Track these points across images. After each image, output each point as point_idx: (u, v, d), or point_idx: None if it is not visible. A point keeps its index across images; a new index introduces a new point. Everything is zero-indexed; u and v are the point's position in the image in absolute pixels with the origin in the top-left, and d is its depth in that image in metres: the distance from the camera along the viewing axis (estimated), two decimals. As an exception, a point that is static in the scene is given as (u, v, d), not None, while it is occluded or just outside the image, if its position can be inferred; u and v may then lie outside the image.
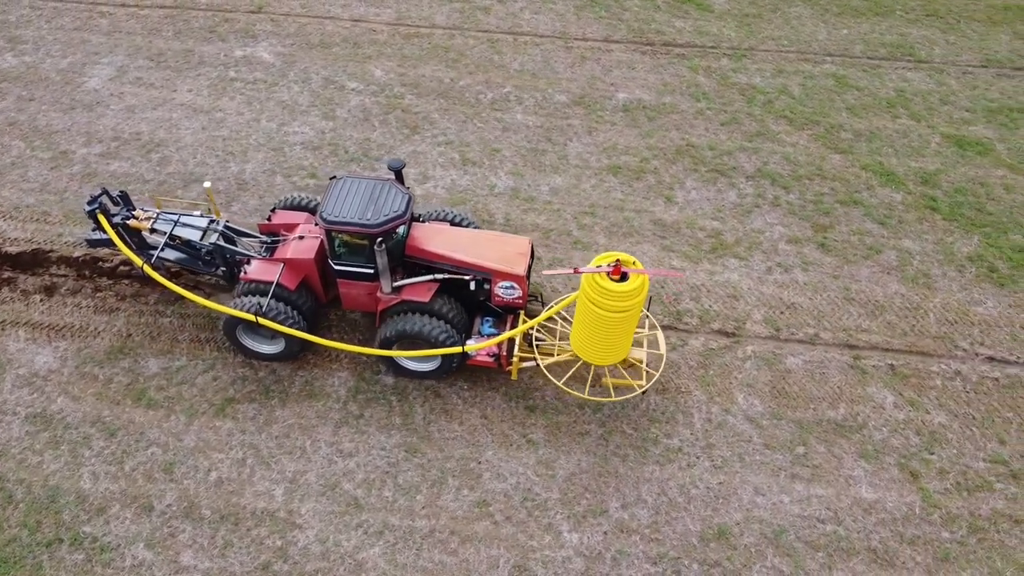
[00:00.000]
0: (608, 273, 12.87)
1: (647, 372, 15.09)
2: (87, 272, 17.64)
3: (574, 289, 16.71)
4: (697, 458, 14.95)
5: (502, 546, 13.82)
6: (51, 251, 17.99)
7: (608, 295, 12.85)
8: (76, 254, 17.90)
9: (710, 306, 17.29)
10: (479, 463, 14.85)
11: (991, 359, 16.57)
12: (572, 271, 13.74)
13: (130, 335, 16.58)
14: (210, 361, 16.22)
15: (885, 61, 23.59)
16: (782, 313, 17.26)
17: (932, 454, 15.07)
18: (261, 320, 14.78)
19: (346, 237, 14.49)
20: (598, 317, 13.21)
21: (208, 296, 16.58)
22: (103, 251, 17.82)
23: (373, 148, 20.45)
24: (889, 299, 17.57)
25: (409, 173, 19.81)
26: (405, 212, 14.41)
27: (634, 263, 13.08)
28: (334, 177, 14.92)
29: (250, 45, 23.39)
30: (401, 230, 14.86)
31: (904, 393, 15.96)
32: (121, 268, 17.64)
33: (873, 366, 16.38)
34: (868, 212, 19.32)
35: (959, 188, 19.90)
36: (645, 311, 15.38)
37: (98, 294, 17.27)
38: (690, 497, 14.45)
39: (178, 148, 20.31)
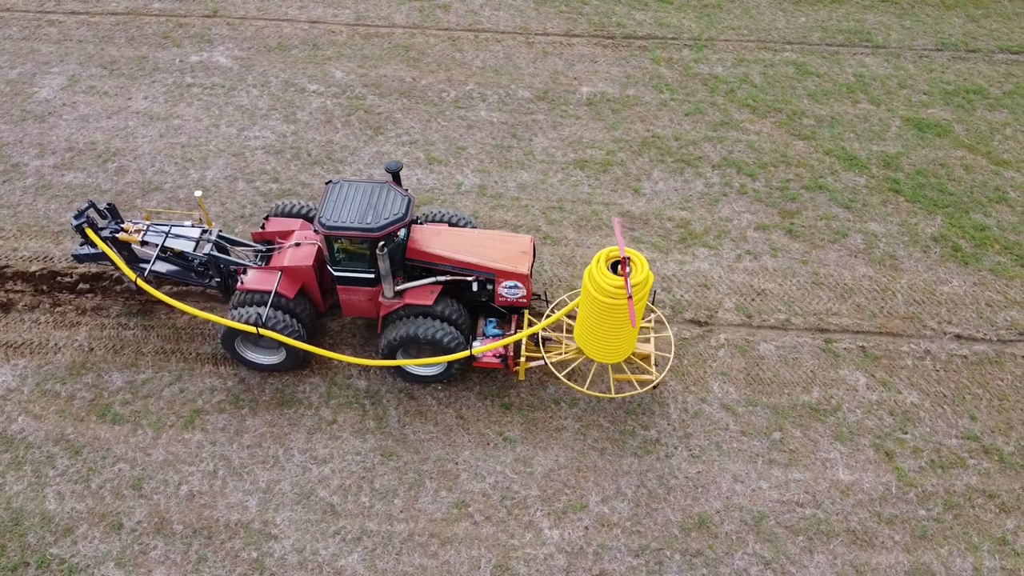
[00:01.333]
0: (616, 261, 12.79)
1: (655, 365, 15.15)
2: (44, 287, 17.14)
3: (575, 291, 16.61)
4: (675, 448, 14.91)
5: (483, 546, 13.65)
6: (6, 267, 17.45)
7: (612, 290, 12.77)
8: (32, 268, 17.39)
9: (682, 296, 17.28)
10: (456, 464, 14.66)
11: (959, 337, 16.77)
12: (615, 219, 13.25)
13: (92, 349, 16.13)
14: (176, 373, 15.83)
15: (843, 47, 23.83)
16: (753, 300, 17.31)
17: (906, 433, 15.20)
18: (262, 331, 14.42)
19: (346, 242, 14.18)
20: (604, 312, 13.06)
21: (200, 308, 16.14)
22: (61, 265, 17.35)
23: (336, 150, 20.16)
24: (857, 282, 17.70)
25: (374, 175, 19.56)
26: (406, 214, 14.11)
27: (639, 263, 12.91)
28: (330, 182, 14.58)
29: (206, 50, 22.94)
30: (402, 233, 14.61)
31: (876, 374, 16.08)
32: (81, 285, 17.16)
33: (844, 349, 16.49)
34: (833, 197, 19.46)
35: (920, 170, 20.14)
36: (649, 304, 15.36)
37: (57, 309, 16.78)
38: (669, 488, 14.41)
39: (135, 157, 19.83)
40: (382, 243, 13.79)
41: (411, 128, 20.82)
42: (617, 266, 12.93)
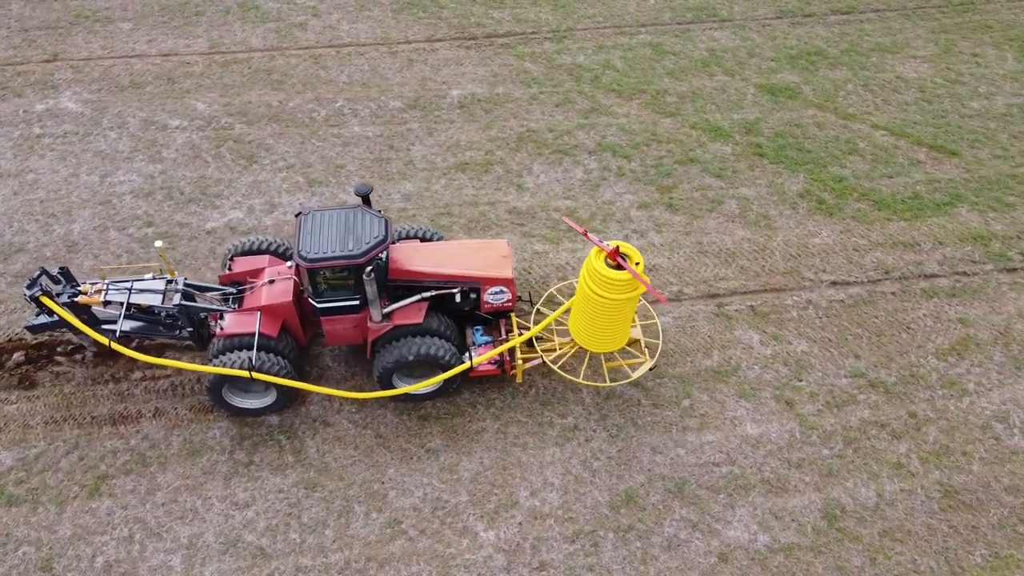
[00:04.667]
0: (608, 255, 13.07)
1: (646, 349, 15.64)
2: (-92, 372, 15.85)
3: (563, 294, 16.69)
4: (593, 432, 15.34)
5: (421, 560, 13.65)
6: None
7: (612, 284, 13.09)
8: None
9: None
10: (382, 483, 14.57)
11: (834, 283, 17.98)
12: (583, 232, 13.51)
13: (-27, 431, 15.06)
14: (72, 440, 14.99)
15: (693, 24, 24.96)
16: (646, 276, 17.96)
17: (801, 381, 16.20)
18: (255, 375, 13.90)
19: (328, 273, 13.84)
20: (601, 305, 13.42)
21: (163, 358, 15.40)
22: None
23: (211, 185, 19.51)
24: (738, 245, 18.68)
25: (254, 205, 19.07)
26: (387, 236, 13.94)
27: (633, 256, 13.27)
28: (299, 213, 14.20)
29: (52, 96, 21.68)
30: (384, 255, 14.41)
31: (767, 330, 17.05)
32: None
33: (735, 310, 17.38)
34: (705, 168, 20.42)
35: (779, 132, 21.40)
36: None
37: (-74, 394, 15.55)
38: (594, 470, 14.82)
39: (-10, 219, 18.58)
40: (369, 268, 13.56)
41: (286, 152, 20.39)
42: (614, 258, 13.18)
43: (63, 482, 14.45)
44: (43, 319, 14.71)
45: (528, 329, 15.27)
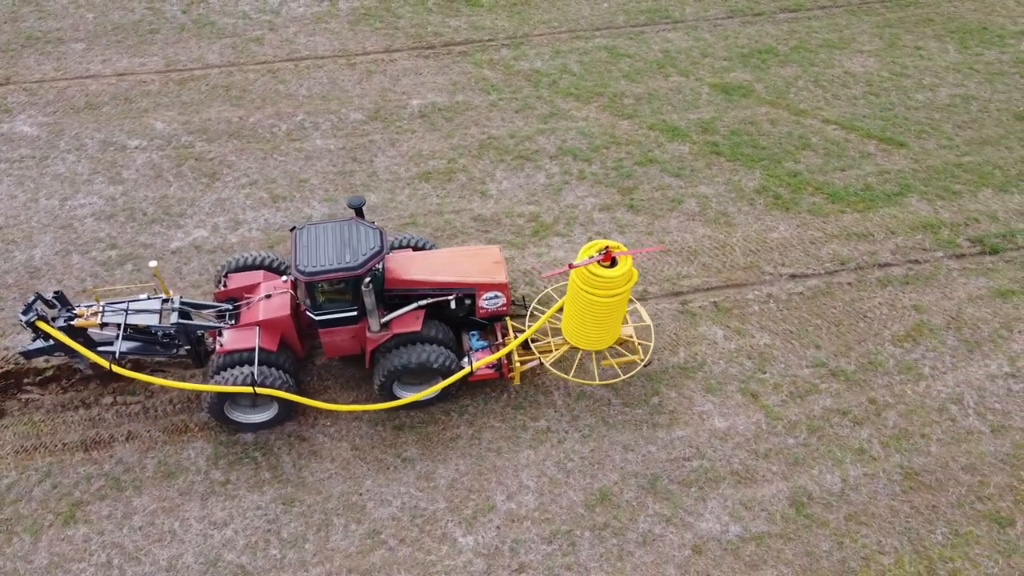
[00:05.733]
0: (599, 261, 13.45)
1: (640, 344, 15.95)
2: None
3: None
4: (566, 433, 15.64)
5: (402, 570, 13.83)
6: None
7: (603, 283, 13.44)
8: None
9: (544, 286, 18.03)
10: (360, 495, 14.72)
11: (793, 276, 18.50)
12: (567, 268, 13.85)
13: (-58, 465, 14.90)
14: (44, 468, 14.90)
15: (646, 27, 25.41)
16: (610, 278, 18.32)
17: (765, 373, 16.66)
18: (259, 390, 14.06)
19: (325, 285, 14.04)
20: (593, 304, 13.77)
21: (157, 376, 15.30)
22: None
23: (173, 204, 19.45)
24: (699, 243, 19.11)
25: (219, 223, 19.05)
26: (382, 246, 14.15)
27: (618, 247, 13.71)
28: (294, 228, 14.38)
29: (5, 121, 21.42)
30: (380, 265, 14.60)
31: (730, 324, 17.49)
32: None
33: (699, 307, 17.81)
34: (664, 168, 20.84)
35: (734, 130, 21.91)
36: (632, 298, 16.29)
37: None
38: (568, 471, 15.12)
39: (-52, 248, 18.33)
40: (368, 279, 13.74)
41: (248, 169, 20.39)
42: (606, 255, 13.64)
43: (37, 511, 14.37)
44: (39, 344, 14.62)
45: (522, 332, 15.63)
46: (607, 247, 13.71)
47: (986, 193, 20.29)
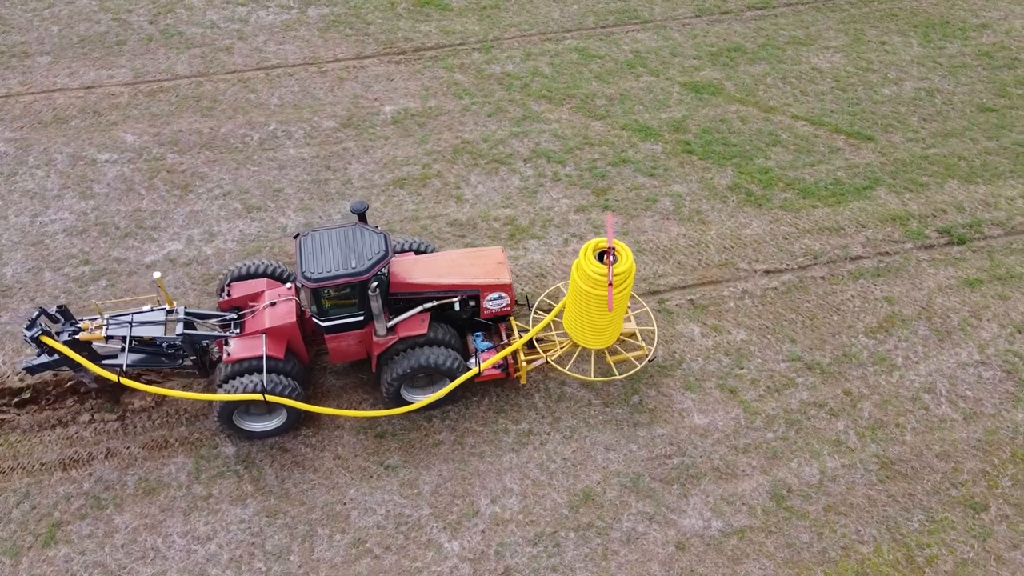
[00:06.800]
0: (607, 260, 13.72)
1: (644, 343, 16.16)
2: None
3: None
4: (548, 435, 15.74)
5: (389, 577, 13.87)
6: None
7: (602, 280, 13.61)
8: None
9: (522, 289, 18.12)
10: (344, 504, 14.72)
11: (767, 272, 18.74)
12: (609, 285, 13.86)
13: (-83, 489, 14.69)
14: (22, 490, 14.74)
15: (616, 27, 25.57)
16: (587, 279, 18.44)
17: (742, 369, 16.87)
18: (269, 397, 14.07)
19: (331, 291, 14.04)
20: (592, 300, 13.97)
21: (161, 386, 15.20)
22: None
23: (146, 217, 19.30)
24: (674, 241, 19.30)
25: (193, 235, 18.93)
26: (388, 250, 14.18)
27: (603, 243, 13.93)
28: (298, 235, 14.41)
29: (-28, 137, 21.12)
30: (386, 269, 14.60)
31: (707, 322, 17.69)
32: None
33: (676, 305, 17.99)
34: (637, 168, 21.02)
35: (705, 129, 22.14)
36: (634, 295, 16.50)
37: None
38: (551, 473, 15.22)
39: (-84, 269, 18.05)
40: (374, 284, 13.74)
41: (221, 180, 20.27)
42: (603, 256, 13.81)
43: (16, 533, 14.22)
44: (43, 359, 14.53)
45: (526, 331, 15.72)
46: (613, 247, 13.84)
47: (952, 184, 20.69)
